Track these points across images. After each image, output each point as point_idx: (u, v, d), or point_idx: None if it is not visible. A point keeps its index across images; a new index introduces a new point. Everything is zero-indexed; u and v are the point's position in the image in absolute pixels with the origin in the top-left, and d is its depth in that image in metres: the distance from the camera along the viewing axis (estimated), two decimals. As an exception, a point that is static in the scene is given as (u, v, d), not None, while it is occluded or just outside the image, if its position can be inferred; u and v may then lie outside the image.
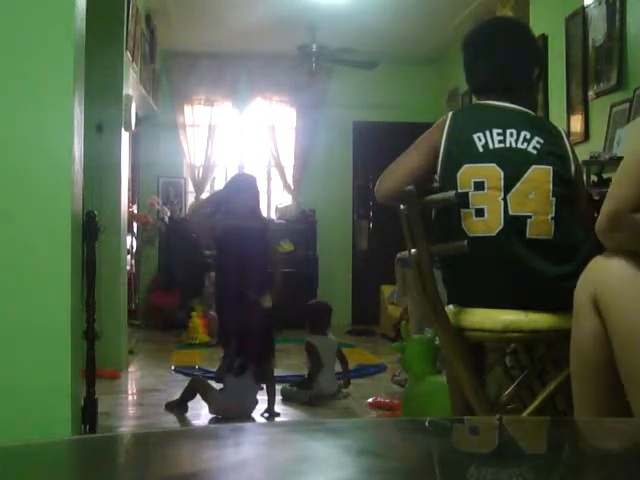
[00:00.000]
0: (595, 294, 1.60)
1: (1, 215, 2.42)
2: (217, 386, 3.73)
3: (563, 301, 1.87)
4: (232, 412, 3.49)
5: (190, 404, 3.72)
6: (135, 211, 6.77)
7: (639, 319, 1.54)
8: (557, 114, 4.58)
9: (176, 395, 3.84)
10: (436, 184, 2.23)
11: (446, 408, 2.49)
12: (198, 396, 3.72)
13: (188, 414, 3.67)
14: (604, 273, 1.62)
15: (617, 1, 3.97)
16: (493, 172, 2.11)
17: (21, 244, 2.44)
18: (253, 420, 3.50)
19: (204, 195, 7.67)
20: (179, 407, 3.70)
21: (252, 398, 3.60)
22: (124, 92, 4.81)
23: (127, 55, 4.96)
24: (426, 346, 3.30)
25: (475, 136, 2.15)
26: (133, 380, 4.70)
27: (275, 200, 8.09)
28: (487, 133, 2.15)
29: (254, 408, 3.60)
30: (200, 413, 3.68)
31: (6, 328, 2.41)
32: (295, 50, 6.86)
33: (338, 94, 7.78)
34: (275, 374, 4.33)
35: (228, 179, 4.63)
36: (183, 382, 4.36)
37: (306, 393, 3.97)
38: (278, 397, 3.83)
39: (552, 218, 2.10)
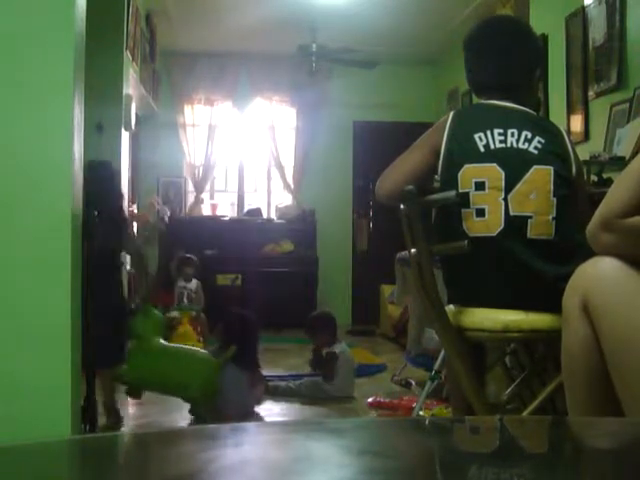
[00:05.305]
0: (585, 299, 1.58)
1: (1, 215, 2.42)
2: None
3: (563, 301, 1.87)
4: (231, 408, 3.46)
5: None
6: (135, 211, 6.77)
7: (630, 323, 1.51)
8: (557, 114, 4.58)
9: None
10: (436, 184, 2.23)
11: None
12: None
13: (188, 414, 3.67)
14: (594, 278, 1.59)
15: (617, 1, 3.97)
16: (494, 172, 2.11)
17: (21, 244, 2.43)
18: (255, 417, 3.49)
19: None
20: None
21: (245, 392, 3.59)
22: (124, 92, 4.81)
23: (127, 55, 4.96)
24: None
25: (476, 136, 2.15)
26: (133, 380, 4.69)
27: (275, 200, 8.10)
28: (488, 133, 2.15)
29: (253, 404, 3.60)
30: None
31: (6, 328, 2.41)
32: (295, 50, 6.86)
33: (338, 94, 7.78)
34: (275, 374, 4.34)
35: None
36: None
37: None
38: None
39: (553, 218, 2.10)
